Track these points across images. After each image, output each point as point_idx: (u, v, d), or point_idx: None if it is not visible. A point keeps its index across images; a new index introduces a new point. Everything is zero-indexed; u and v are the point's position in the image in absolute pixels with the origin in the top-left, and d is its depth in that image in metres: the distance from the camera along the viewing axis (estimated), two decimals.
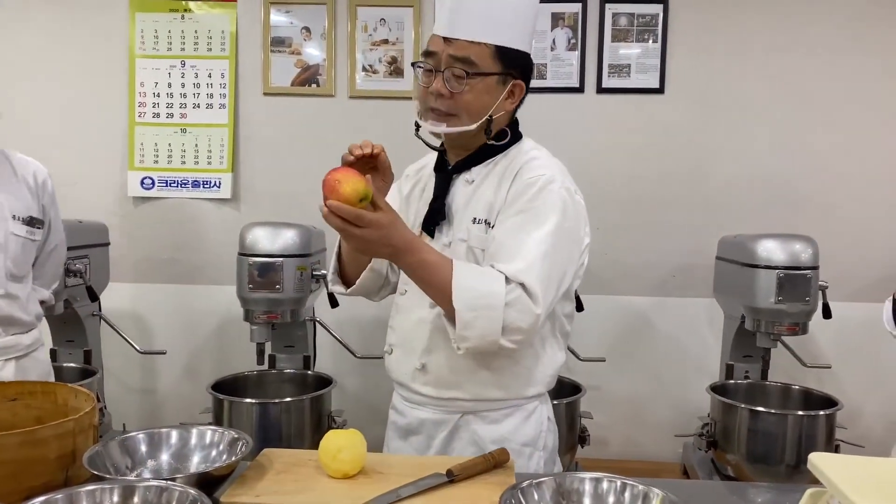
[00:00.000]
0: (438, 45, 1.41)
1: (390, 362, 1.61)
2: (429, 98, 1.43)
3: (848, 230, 3.08)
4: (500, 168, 1.49)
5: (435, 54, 1.41)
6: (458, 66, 1.39)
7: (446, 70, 1.39)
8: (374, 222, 1.24)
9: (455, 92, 1.40)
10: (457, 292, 1.30)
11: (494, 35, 1.40)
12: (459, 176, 1.51)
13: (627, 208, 3.16)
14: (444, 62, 1.40)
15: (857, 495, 0.85)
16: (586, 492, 1.15)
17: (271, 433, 2.46)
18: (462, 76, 1.39)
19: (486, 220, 1.45)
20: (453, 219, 1.49)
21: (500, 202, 1.44)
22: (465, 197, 1.50)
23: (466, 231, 1.46)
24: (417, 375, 1.52)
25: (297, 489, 1.20)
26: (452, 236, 1.48)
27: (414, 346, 1.52)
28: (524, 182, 1.43)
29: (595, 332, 3.14)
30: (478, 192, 1.48)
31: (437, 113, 1.42)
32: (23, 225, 1.88)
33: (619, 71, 3.13)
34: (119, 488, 1.07)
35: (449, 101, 1.41)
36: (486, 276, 1.33)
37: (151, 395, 3.39)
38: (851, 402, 2.79)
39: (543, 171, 1.45)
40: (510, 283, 1.32)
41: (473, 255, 1.45)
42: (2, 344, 1.84)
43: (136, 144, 3.26)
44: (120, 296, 3.16)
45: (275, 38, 3.21)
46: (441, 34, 1.41)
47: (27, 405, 1.37)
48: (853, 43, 3.04)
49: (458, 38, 1.39)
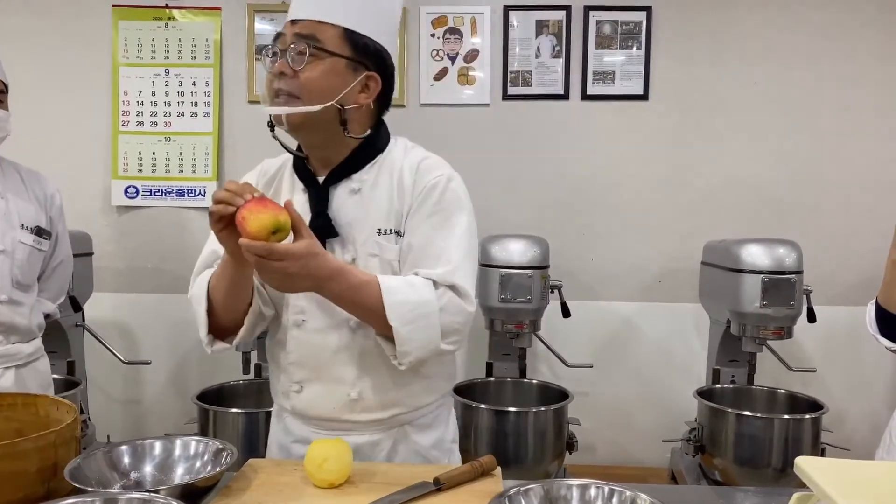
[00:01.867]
0: (286, 28, 1.36)
1: (303, 401, 1.43)
2: (273, 81, 1.34)
3: (831, 234, 3.11)
4: (386, 173, 1.41)
5: (280, 36, 1.36)
6: (301, 41, 1.32)
7: (290, 48, 1.32)
8: (288, 254, 1.16)
9: (297, 69, 1.31)
10: (390, 310, 1.26)
11: (342, 16, 1.34)
12: (338, 185, 1.40)
13: (612, 214, 3.18)
14: (288, 42, 1.33)
15: (844, 499, 0.85)
16: (574, 498, 1.15)
17: (257, 443, 2.44)
18: (303, 52, 1.31)
19: (393, 229, 1.38)
20: (348, 233, 1.38)
21: (405, 208, 1.38)
22: (354, 208, 1.39)
23: (376, 245, 1.37)
24: (351, 405, 1.41)
25: (282, 499, 1.19)
26: (356, 252, 1.37)
27: (338, 376, 1.40)
28: (427, 185, 1.38)
29: (582, 338, 3.15)
30: (370, 201, 1.39)
31: (280, 95, 1.33)
32: (30, 234, 1.91)
33: (603, 78, 3.14)
34: (101, 501, 1.06)
35: (292, 81, 1.32)
36: (415, 286, 1.30)
37: (136, 405, 3.35)
38: (836, 405, 2.81)
39: (440, 170, 1.41)
40: (438, 287, 1.32)
41: (391, 268, 1.37)
42: (4, 352, 1.86)
43: (120, 153, 3.24)
44: (104, 306, 3.13)
45: (259, 46, 3.20)
46: (289, 18, 1.36)
47: (7, 417, 1.34)
48: (833, 49, 3.09)
49: (304, 18, 1.34)
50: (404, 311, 1.27)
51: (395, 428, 1.45)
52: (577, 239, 3.16)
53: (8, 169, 1.95)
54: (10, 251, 1.86)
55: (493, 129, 3.14)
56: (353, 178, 1.40)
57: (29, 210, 1.94)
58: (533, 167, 3.15)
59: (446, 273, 1.32)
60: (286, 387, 1.46)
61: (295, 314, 1.41)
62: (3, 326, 1.86)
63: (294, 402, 1.45)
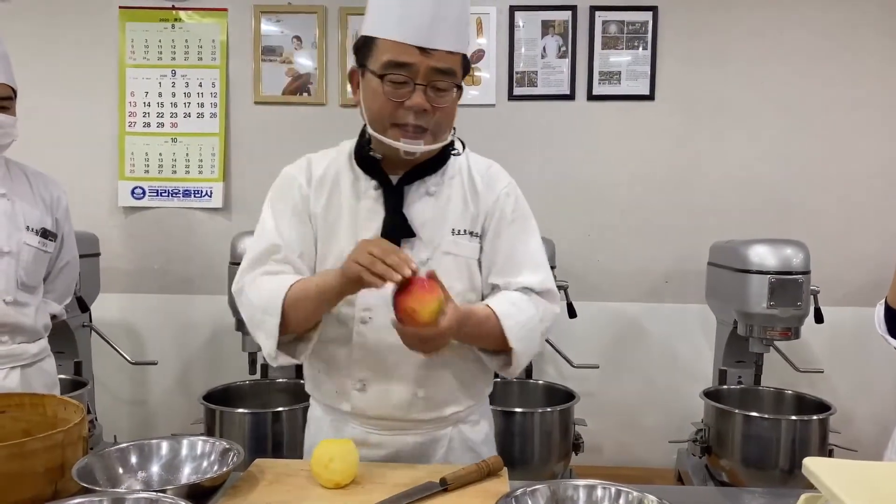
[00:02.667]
0: (413, 56, 1.28)
1: (365, 400, 1.41)
2: (401, 113, 1.30)
3: (838, 235, 3.10)
4: (456, 177, 1.44)
5: (410, 66, 1.28)
6: (443, 79, 1.30)
7: (429, 84, 1.29)
8: (448, 332, 1.22)
9: (437, 107, 1.30)
10: (510, 333, 1.34)
11: (464, 44, 1.34)
12: (412, 186, 1.40)
13: (619, 215, 3.17)
14: (423, 75, 1.28)
15: (852, 500, 0.85)
16: (581, 499, 1.15)
17: (263, 443, 2.44)
18: (449, 89, 1.30)
19: (467, 230, 1.42)
20: (423, 233, 1.39)
21: (481, 213, 1.43)
22: (429, 209, 1.40)
23: (452, 244, 1.40)
24: (415, 404, 1.41)
25: (288, 500, 1.19)
26: (432, 251, 1.39)
27: (404, 374, 1.40)
28: (501, 192, 1.45)
29: (588, 339, 3.14)
30: (445, 203, 1.41)
31: (412, 129, 1.31)
32: (36, 236, 1.93)
33: (609, 78, 3.14)
34: (108, 501, 1.06)
35: (429, 116, 1.30)
36: (519, 305, 1.38)
37: (143, 406, 3.36)
38: (844, 406, 2.80)
39: (506, 176, 1.48)
40: (533, 295, 1.41)
41: (466, 266, 1.41)
42: (8, 352, 1.87)
43: (127, 154, 3.25)
44: (110, 306, 3.14)
45: (265, 47, 3.21)
46: (417, 44, 1.27)
47: (15, 417, 1.35)
48: (839, 49, 3.07)
49: (440, 49, 1.28)
50: (518, 330, 1.35)
51: (451, 426, 1.48)
52: (583, 239, 3.15)
53: (15, 171, 1.96)
54: (16, 253, 1.87)
55: (499, 129, 3.13)
56: (426, 181, 1.42)
57: (35, 212, 1.94)
58: (538, 167, 3.15)
59: (543, 280, 1.43)
60: (345, 386, 1.43)
61: (361, 311, 1.39)
62: (8, 327, 1.86)
63: (355, 402, 1.42)
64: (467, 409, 1.49)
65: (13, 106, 1.88)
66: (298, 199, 1.41)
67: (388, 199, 1.39)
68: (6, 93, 1.84)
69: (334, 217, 1.41)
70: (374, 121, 1.34)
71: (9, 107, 1.86)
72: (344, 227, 1.40)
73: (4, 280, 1.85)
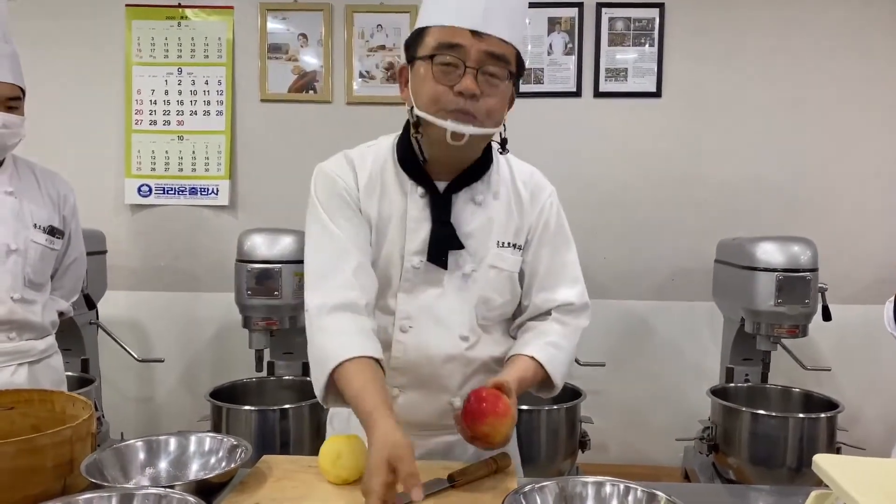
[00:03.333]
0: (466, 38, 1.22)
1: (397, 406, 1.36)
2: (450, 97, 1.24)
3: (846, 232, 3.08)
4: (500, 185, 1.40)
5: (461, 48, 1.22)
6: (496, 64, 1.24)
7: (480, 67, 1.23)
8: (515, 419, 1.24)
9: (486, 94, 1.24)
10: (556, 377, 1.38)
11: (519, 37, 1.28)
12: (458, 195, 1.35)
13: (625, 212, 3.17)
14: (474, 58, 1.23)
15: (863, 496, 0.84)
16: (589, 496, 1.14)
17: (270, 440, 2.45)
18: (502, 76, 1.25)
19: (511, 242, 1.38)
20: (469, 244, 1.34)
21: (525, 224, 1.40)
22: (476, 220, 1.35)
23: (497, 257, 1.36)
24: (449, 411, 1.38)
25: (296, 496, 1.19)
26: (478, 263, 1.35)
27: (443, 384, 1.37)
28: (545, 204, 1.43)
29: (594, 337, 3.11)
30: (491, 213, 1.37)
31: (462, 114, 1.24)
32: (43, 233, 1.94)
33: (616, 75, 3.13)
34: (117, 496, 1.06)
35: (477, 103, 1.24)
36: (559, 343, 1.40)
37: (149, 403, 3.37)
38: (851, 404, 2.79)
39: (548, 186, 1.46)
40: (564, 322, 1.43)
41: (509, 280, 1.38)
42: (16, 348, 1.88)
43: (133, 152, 3.26)
44: (117, 304, 3.15)
45: (272, 45, 3.21)
46: (471, 27, 1.22)
47: (24, 413, 1.35)
48: (847, 46, 3.06)
49: (493, 35, 1.23)
50: (562, 370, 1.40)
51: None
52: (589, 237, 3.14)
53: (23, 169, 1.97)
54: (23, 250, 1.88)
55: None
56: (473, 188, 1.37)
57: (42, 209, 1.95)
58: (544, 165, 3.08)
59: (581, 293, 1.45)
60: (394, 391, 1.39)
61: (402, 319, 1.35)
62: (16, 324, 1.87)
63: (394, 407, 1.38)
64: None
65: (21, 106, 1.89)
66: (348, 198, 1.34)
67: (434, 208, 1.33)
68: (14, 93, 1.85)
69: (385, 219, 1.35)
70: (423, 106, 1.27)
71: (17, 107, 1.87)
72: (393, 229, 1.35)
73: (12, 277, 1.85)
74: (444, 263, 1.33)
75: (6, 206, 1.87)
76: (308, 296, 1.32)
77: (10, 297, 1.85)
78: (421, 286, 1.34)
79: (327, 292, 1.28)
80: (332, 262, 1.30)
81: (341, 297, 1.27)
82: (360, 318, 1.27)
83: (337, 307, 1.27)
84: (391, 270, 1.35)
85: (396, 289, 1.34)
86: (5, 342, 1.86)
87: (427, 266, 1.33)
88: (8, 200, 1.88)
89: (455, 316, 1.33)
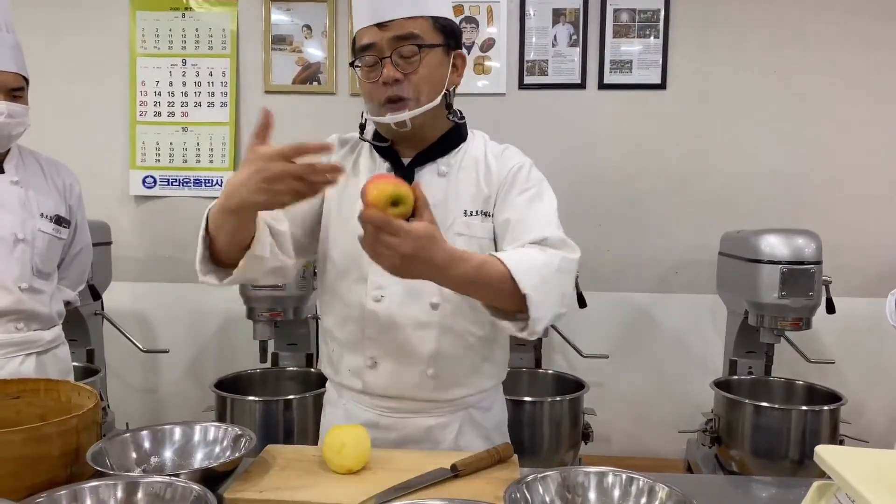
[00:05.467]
0: (374, 35, 1.33)
1: (376, 378, 1.43)
2: (380, 91, 1.34)
3: (850, 225, 3.07)
4: (470, 158, 1.45)
5: (373, 45, 1.33)
6: (404, 43, 1.32)
7: (393, 54, 1.32)
8: (405, 231, 1.08)
9: (409, 72, 1.33)
10: (520, 278, 1.22)
11: (426, 6, 1.34)
12: (424, 167, 1.43)
13: (629, 204, 3.16)
14: (386, 48, 1.32)
15: (865, 487, 0.84)
16: (591, 486, 1.15)
17: (274, 430, 2.46)
18: (414, 52, 1.32)
19: (480, 211, 1.42)
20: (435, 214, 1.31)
21: (493, 191, 1.42)
22: (440, 190, 1.40)
23: (464, 225, 1.40)
24: (425, 384, 1.42)
25: (300, 485, 1.20)
26: (444, 232, 1.28)
27: (415, 353, 1.40)
28: (513, 167, 1.44)
29: (598, 329, 3.14)
30: (457, 183, 1.42)
31: (394, 103, 1.34)
32: (50, 223, 1.95)
33: (620, 67, 3.12)
34: (123, 484, 1.07)
35: (405, 85, 1.33)
36: (531, 253, 1.29)
37: (154, 393, 3.39)
38: (855, 397, 2.79)
39: (519, 158, 1.47)
40: (548, 248, 1.31)
41: (479, 247, 1.39)
42: (24, 338, 1.89)
43: (138, 143, 3.26)
44: (122, 295, 3.16)
45: (275, 37, 3.21)
46: (373, 22, 1.33)
47: (30, 402, 1.36)
48: (854, 37, 3.04)
49: (394, 19, 1.32)
50: (533, 275, 1.23)
51: (461, 410, 1.48)
52: (593, 229, 3.14)
53: (28, 159, 1.98)
54: (30, 240, 1.89)
55: (509, 118, 3.12)
56: (438, 162, 1.43)
57: (48, 199, 1.96)
58: (549, 157, 3.09)
59: (551, 231, 1.34)
60: (357, 363, 1.44)
61: (374, 290, 1.40)
62: (23, 314, 1.89)
63: (367, 379, 1.44)
64: (479, 394, 1.50)
65: (25, 95, 1.90)
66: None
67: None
68: (18, 82, 1.86)
69: (352, 195, 1.36)
70: (367, 106, 1.40)
71: (21, 96, 1.87)
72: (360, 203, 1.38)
73: (20, 267, 1.86)
74: None
75: (12, 196, 1.89)
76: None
77: (17, 287, 1.86)
78: None
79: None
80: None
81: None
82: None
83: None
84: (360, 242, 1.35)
85: (367, 260, 1.29)
86: (13, 332, 1.88)
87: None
88: (14, 190, 1.89)
89: (425, 284, 1.25)
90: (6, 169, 1.91)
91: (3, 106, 1.80)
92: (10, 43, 1.86)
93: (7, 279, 1.84)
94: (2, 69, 1.82)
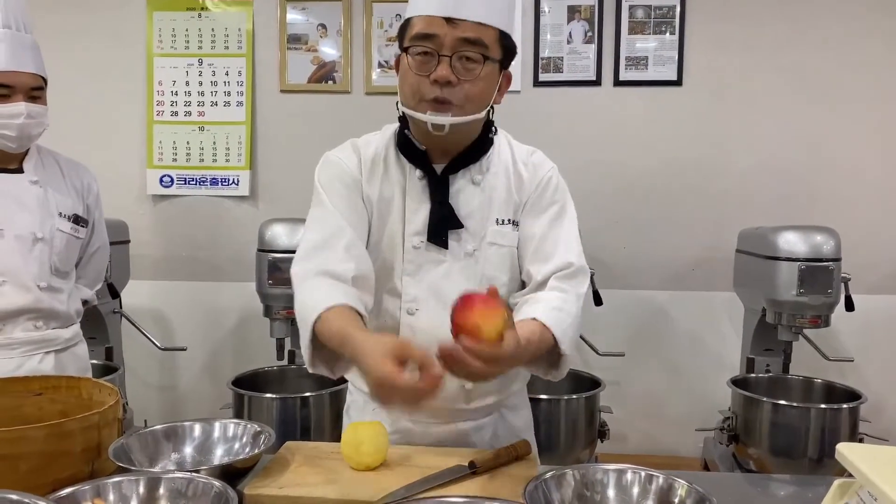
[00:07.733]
0: (439, 27, 1.25)
1: None
2: (427, 87, 1.27)
3: (869, 222, 3.04)
4: (498, 165, 1.42)
5: (435, 37, 1.25)
6: (471, 49, 1.26)
7: (454, 55, 1.25)
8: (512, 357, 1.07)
9: (464, 79, 1.26)
10: (563, 342, 1.26)
11: (499, 18, 1.29)
12: (457, 175, 1.38)
13: (646, 202, 3.15)
14: (448, 45, 1.25)
15: (888, 485, 0.84)
16: (610, 483, 1.14)
17: (291, 428, 2.47)
18: (478, 60, 1.26)
19: (511, 219, 1.40)
20: (469, 224, 1.37)
21: (522, 200, 1.41)
22: (475, 199, 1.38)
23: (497, 234, 1.38)
24: (463, 395, 1.41)
25: (319, 481, 1.20)
26: (478, 242, 1.37)
27: None
28: (544, 178, 1.42)
29: (614, 327, 3.13)
30: (490, 192, 1.39)
31: (439, 103, 1.27)
32: (68, 222, 1.96)
33: (636, 63, 3.11)
34: (145, 480, 1.08)
35: (456, 89, 1.26)
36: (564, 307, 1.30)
37: (172, 391, 3.41)
38: (875, 395, 2.76)
39: (547, 163, 1.46)
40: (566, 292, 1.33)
41: (509, 255, 1.39)
42: (42, 337, 1.91)
43: (155, 143, 3.29)
44: (140, 293, 3.19)
45: (291, 36, 3.22)
46: (442, 14, 1.25)
47: (52, 399, 1.38)
48: (870, 33, 3.01)
49: (466, 20, 1.25)
50: (570, 335, 1.28)
51: (495, 412, 1.48)
52: (609, 227, 3.13)
53: (47, 159, 2.00)
54: (49, 239, 1.91)
55: (524, 116, 3.12)
56: (471, 169, 1.39)
57: (67, 198, 1.98)
58: (564, 154, 3.07)
59: (578, 255, 1.38)
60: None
61: (408, 302, 1.38)
62: (42, 312, 1.90)
63: None
64: (510, 397, 1.50)
65: (44, 95, 1.91)
66: (350, 181, 1.37)
67: (433, 189, 1.37)
68: (37, 83, 1.87)
69: (387, 200, 1.38)
70: (405, 98, 1.32)
71: (40, 96, 1.89)
72: (394, 211, 1.38)
73: (38, 266, 1.88)
74: (445, 243, 1.36)
75: (31, 195, 1.90)
76: (295, 263, 1.33)
77: (36, 286, 1.87)
78: (425, 267, 1.37)
79: (317, 263, 1.29)
80: (326, 238, 1.32)
81: (329, 267, 1.27)
82: (344, 285, 1.26)
83: (321, 273, 1.27)
84: (394, 252, 1.37)
85: (401, 272, 1.36)
86: (32, 331, 1.89)
87: (428, 246, 1.36)
88: (33, 189, 1.91)
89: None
90: (25, 168, 1.93)
91: (23, 106, 1.82)
92: (29, 44, 1.87)
93: (26, 278, 1.86)
94: (21, 69, 1.83)
